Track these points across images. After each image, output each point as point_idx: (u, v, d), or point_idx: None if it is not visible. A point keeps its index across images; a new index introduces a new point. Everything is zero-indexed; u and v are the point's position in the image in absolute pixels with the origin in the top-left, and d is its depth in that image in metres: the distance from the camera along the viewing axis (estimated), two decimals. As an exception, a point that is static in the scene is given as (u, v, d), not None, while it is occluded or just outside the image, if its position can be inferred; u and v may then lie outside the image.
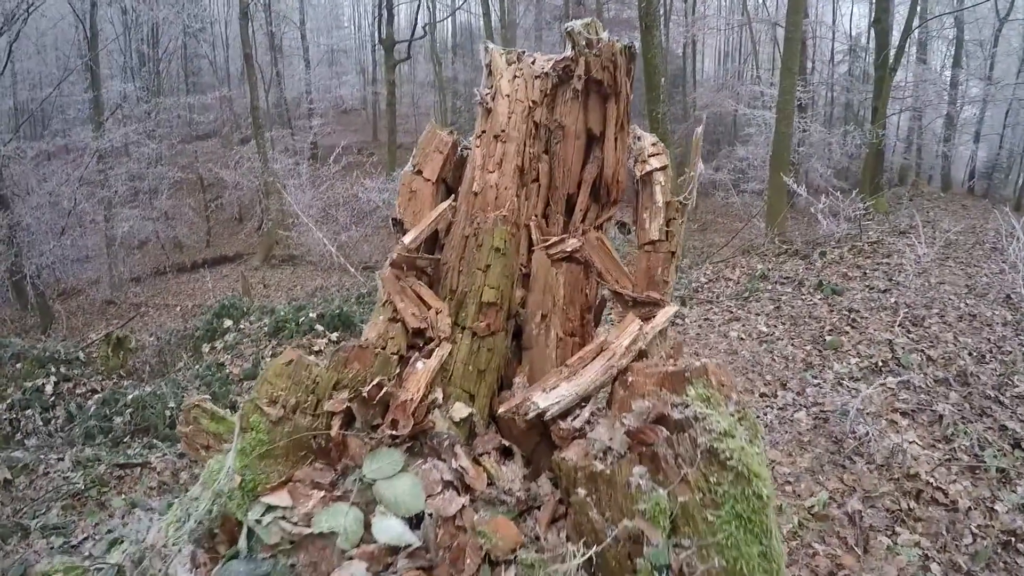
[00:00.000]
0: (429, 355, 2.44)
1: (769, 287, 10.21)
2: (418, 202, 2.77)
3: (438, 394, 2.44)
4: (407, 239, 2.63)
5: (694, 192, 2.82)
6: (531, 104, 2.68)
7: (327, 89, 26.35)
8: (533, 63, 2.86)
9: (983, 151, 20.51)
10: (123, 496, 6.50)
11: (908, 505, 4.86)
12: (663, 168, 2.73)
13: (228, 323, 12.09)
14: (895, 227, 13.15)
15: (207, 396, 2.67)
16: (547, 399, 2.29)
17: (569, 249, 2.63)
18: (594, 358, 2.45)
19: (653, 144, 2.79)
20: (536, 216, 2.73)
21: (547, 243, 2.63)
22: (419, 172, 2.78)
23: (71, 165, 16.88)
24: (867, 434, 5.43)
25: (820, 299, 9.15)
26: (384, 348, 2.44)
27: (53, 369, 10.65)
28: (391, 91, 21.71)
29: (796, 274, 10.63)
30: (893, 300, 8.87)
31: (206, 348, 11.91)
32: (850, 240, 12.05)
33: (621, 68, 2.75)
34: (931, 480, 5.09)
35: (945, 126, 19.68)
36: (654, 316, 2.62)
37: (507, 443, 2.42)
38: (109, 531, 5.79)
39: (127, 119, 19.31)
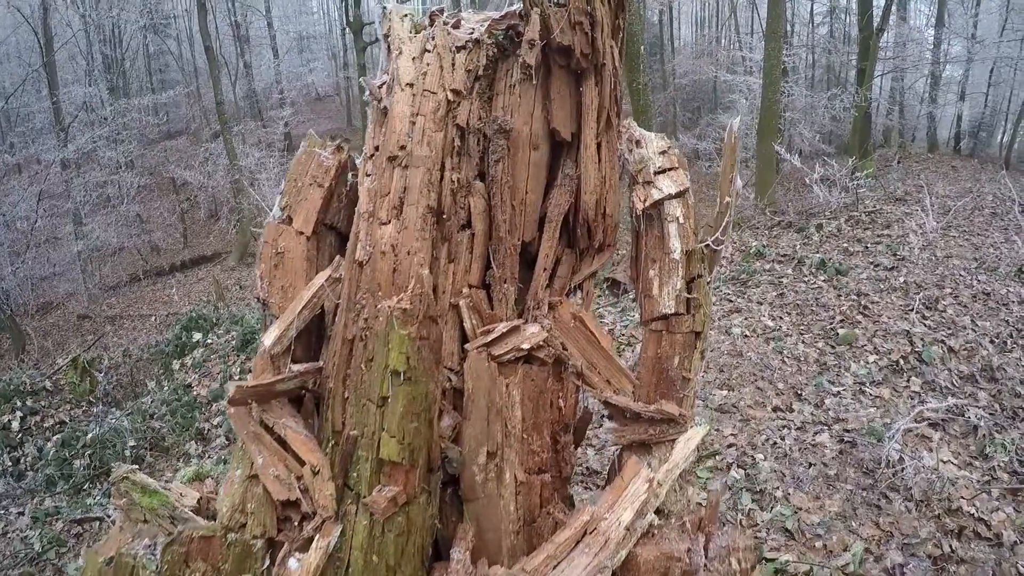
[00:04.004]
0: (307, 546, 1.37)
1: (767, 267, 9.17)
2: (288, 271, 1.62)
3: (325, 603, 1.38)
4: (267, 341, 1.51)
5: (729, 228, 1.72)
6: (450, 97, 1.43)
7: (297, 77, 24.68)
8: (455, 27, 1.71)
9: (967, 110, 19.43)
10: (80, 561, 6.00)
11: (950, 546, 4.15)
12: (681, 194, 1.60)
13: (197, 336, 11.01)
14: (890, 194, 12.08)
15: (135, 467, 1.81)
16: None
17: (527, 345, 1.52)
18: (573, 548, 1.38)
19: (662, 152, 1.62)
20: (470, 288, 1.48)
21: (489, 338, 1.53)
22: (289, 220, 1.66)
23: (28, 179, 15.49)
24: (900, 459, 4.48)
25: (824, 281, 8.14)
26: (243, 527, 1.37)
27: (19, 403, 9.96)
28: (363, 75, 20.21)
29: (794, 251, 9.59)
30: (902, 280, 7.90)
31: (176, 365, 10.91)
32: (846, 210, 10.98)
33: (602, 25, 1.55)
34: (972, 511, 4.31)
35: (930, 86, 18.53)
36: (670, 441, 1.54)
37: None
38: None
39: (95, 124, 17.82)
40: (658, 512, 1.38)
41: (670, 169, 1.47)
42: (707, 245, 1.50)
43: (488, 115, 1.50)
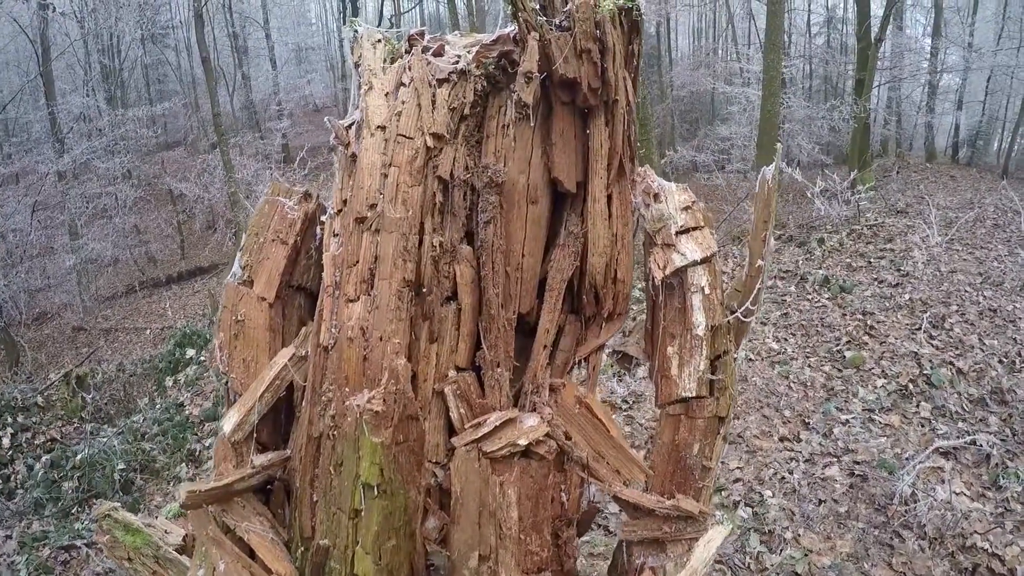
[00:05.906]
0: None
1: (769, 283, 8.95)
2: (249, 342, 1.37)
3: None
4: (227, 427, 1.26)
5: (762, 295, 1.48)
6: (429, 143, 1.14)
7: (295, 88, 24.54)
8: (437, 55, 1.47)
9: (964, 119, 19.35)
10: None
11: (965, 585, 3.80)
12: (707, 259, 1.37)
13: (190, 353, 10.76)
14: (891, 206, 11.88)
15: (117, 505, 1.62)
16: None
17: (524, 441, 1.29)
18: None
19: (685, 208, 1.40)
20: (457, 371, 1.39)
21: (480, 432, 1.29)
22: (250, 282, 1.41)
23: (23, 190, 15.26)
24: (912, 495, 4.25)
25: (828, 299, 7.92)
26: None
27: (10, 419, 9.75)
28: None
29: (796, 267, 9.37)
30: (908, 296, 7.68)
31: (169, 382, 10.66)
32: (847, 224, 10.77)
33: (614, 52, 1.16)
34: (986, 546, 4.15)
35: (927, 95, 18.43)
36: (688, 540, 1.30)
37: None
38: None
39: (91, 135, 17.60)
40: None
41: (694, 228, 1.22)
42: (736, 317, 1.24)
43: (476, 163, 1.25)
